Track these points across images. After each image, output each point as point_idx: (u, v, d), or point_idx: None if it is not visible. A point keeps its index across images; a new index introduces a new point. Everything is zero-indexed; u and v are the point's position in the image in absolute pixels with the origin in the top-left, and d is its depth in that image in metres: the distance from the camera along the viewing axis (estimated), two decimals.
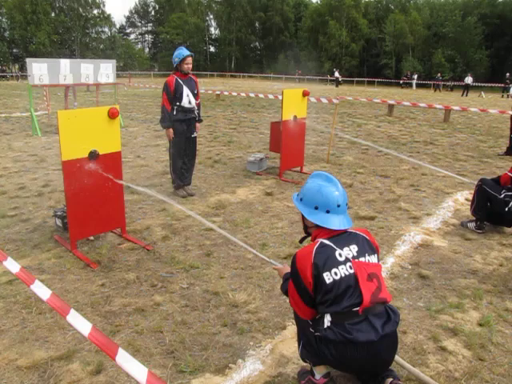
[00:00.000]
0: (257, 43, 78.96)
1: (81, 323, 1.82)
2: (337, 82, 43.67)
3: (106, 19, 69.61)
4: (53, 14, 62.31)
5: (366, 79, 50.38)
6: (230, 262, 4.18)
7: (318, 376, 2.50)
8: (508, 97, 30.73)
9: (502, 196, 4.92)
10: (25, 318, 3.21)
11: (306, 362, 2.53)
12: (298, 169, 7.63)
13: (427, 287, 3.80)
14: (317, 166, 8.00)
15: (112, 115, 4.22)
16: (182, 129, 5.93)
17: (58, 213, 4.77)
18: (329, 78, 49.23)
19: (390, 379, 2.35)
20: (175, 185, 6.26)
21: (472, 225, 5.16)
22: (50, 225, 4.99)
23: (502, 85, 33.62)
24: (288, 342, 2.98)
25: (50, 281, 3.74)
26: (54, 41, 58.95)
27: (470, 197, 5.54)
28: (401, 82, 45.53)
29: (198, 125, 6.21)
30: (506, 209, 4.84)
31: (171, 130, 5.86)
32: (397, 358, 2.63)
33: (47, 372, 2.66)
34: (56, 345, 2.92)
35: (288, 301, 2.54)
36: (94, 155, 4.17)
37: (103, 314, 3.30)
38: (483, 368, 2.76)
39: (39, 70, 10.61)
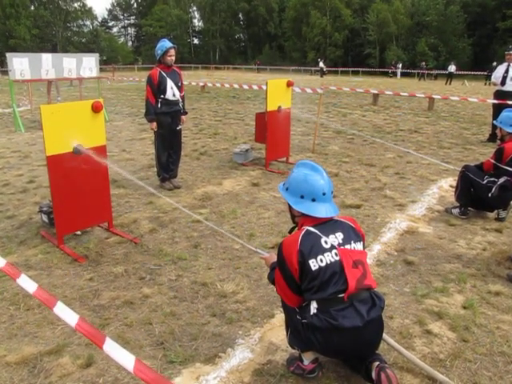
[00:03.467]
0: (241, 34, 78.59)
1: (68, 314, 1.83)
2: (321, 72, 43.67)
3: (87, 12, 68.65)
4: (32, 8, 61.21)
5: (350, 69, 50.43)
6: (218, 253, 4.20)
7: (306, 362, 2.54)
8: (489, 84, 30.97)
9: (485, 182, 5.00)
10: (13, 315, 3.19)
11: (294, 348, 2.57)
12: (284, 159, 7.65)
13: (413, 273, 3.87)
14: (302, 156, 8.03)
15: (96, 109, 4.19)
16: (166, 121, 5.91)
17: (44, 208, 4.73)
18: (313, 69, 49.24)
19: (377, 363, 2.39)
20: (161, 177, 6.25)
21: (456, 211, 5.24)
22: (35, 221, 4.95)
23: (486, 72, 33.87)
24: (276, 329, 3.02)
25: (38, 276, 3.72)
26: (35, 35, 57.92)
27: (454, 183, 5.62)
28: (389, 71, 45.65)
29: (183, 117, 6.20)
30: (489, 194, 4.93)
31: (154, 124, 5.84)
32: (387, 338, 2.69)
33: (37, 367, 2.67)
34: (45, 340, 2.92)
35: (275, 289, 2.57)
36: (78, 150, 4.15)
37: (92, 307, 3.30)
38: (467, 349, 2.83)
39: (20, 64, 10.44)
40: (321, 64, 44.72)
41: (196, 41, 79.76)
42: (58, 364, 2.68)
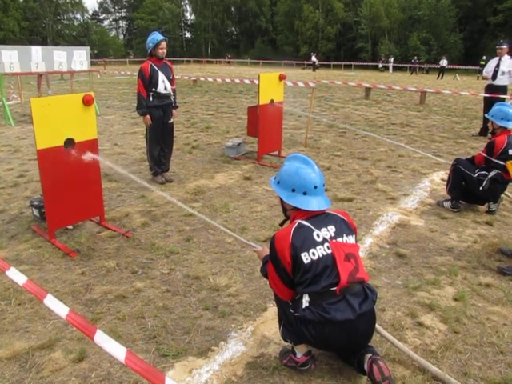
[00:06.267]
0: (233, 28, 78.22)
1: (58, 306, 1.82)
2: (314, 66, 43.62)
3: (78, 5, 67.94)
4: (21, 0, 60.41)
5: (342, 63, 50.46)
6: (210, 247, 4.19)
7: (299, 355, 2.54)
8: (478, 78, 31.13)
9: (476, 175, 5.03)
10: (4, 310, 3.17)
11: (287, 341, 2.57)
12: (276, 153, 7.65)
13: (405, 265, 3.89)
14: (295, 150, 8.03)
15: (87, 102, 4.16)
16: (158, 115, 5.87)
17: (35, 203, 4.69)
18: (305, 63, 49.26)
19: (369, 355, 2.41)
20: (153, 171, 6.22)
21: (448, 204, 5.27)
22: (26, 215, 4.92)
23: (478, 67, 34.05)
24: (269, 323, 3.02)
25: (29, 271, 3.70)
26: (24, 28, 57.17)
27: (446, 177, 5.65)
28: (380, 65, 45.81)
29: (174, 111, 6.16)
30: (480, 188, 4.96)
31: (148, 117, 5.80)
32: (380, 329, 2.71)
33: (28, 362, 2.65)
34: (37, 334, 2.91)
35: (268, 283, 2.57)
36: (69, 143, 4.12)
37: (84, 302, 3.28)
38: (458, 340, 2.86)
39: (9, 57, 10.31)
40: (313, 58, 44.64)
41: (188, 34, 79.37)
42: (49, 359, 2.67)
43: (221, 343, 2.82)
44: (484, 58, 33.11)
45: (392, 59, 45.65)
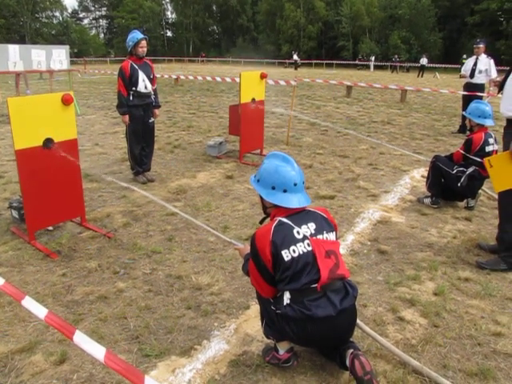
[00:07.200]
0: (215, 27, 78.01)
1: (37, 307, 1.80)
2: (295, 65, 43.76)
3: (57, 3, 66.86)
4: None
5: (324, 61, 50.70)
6: (192, 246, 4.19)
7: (281, 351, 2.56)
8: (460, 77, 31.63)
9: (455, 172, 5.12)
10: None
11: (269, 338, 2.59)
12: (258, 151, 7.66)
13: (386, 262, 3.94)
14: (276, 148, 8.04)
15: (66, 101, 4.10)
16: (138, 114, 5.83)
17: (14, 204, 4.62)
18: (287, 61, 49.44)
19: (351, 350, 2.43)
20: (134, 171, 6.17)
21: (428, 200, 5.35)
22: (5, 217, 4.83)
23: (459, 66, 34.61)
24: (252, 321, 3.03)
25: (9, 273, 3.65)
26: (1, 25, 55.89)
27: (426, 174, 5.73)
28: (357, 63, 46.28)
29: (156, 111, 6.13)
30: (459, 184, 5.04)
31: (127, 117, 5.76)
32: (362, 325, 2.74)
33: (8, 366, 2.61)
34: (16, 338, 2.86)
35: (250, 280, 2.57)
36: (48, 143, 4.06)
37: (65, 303, 3.25)
38: (437, 334, 2.91)
39: None
40: (295, 57, 44.80)
41: (169, 33, 78.84)
42: (30, 362, 2.63)
43: (204, 342, 2.82)
44: (464, 56, 33.64)
45: (373, 58, 46.07)
